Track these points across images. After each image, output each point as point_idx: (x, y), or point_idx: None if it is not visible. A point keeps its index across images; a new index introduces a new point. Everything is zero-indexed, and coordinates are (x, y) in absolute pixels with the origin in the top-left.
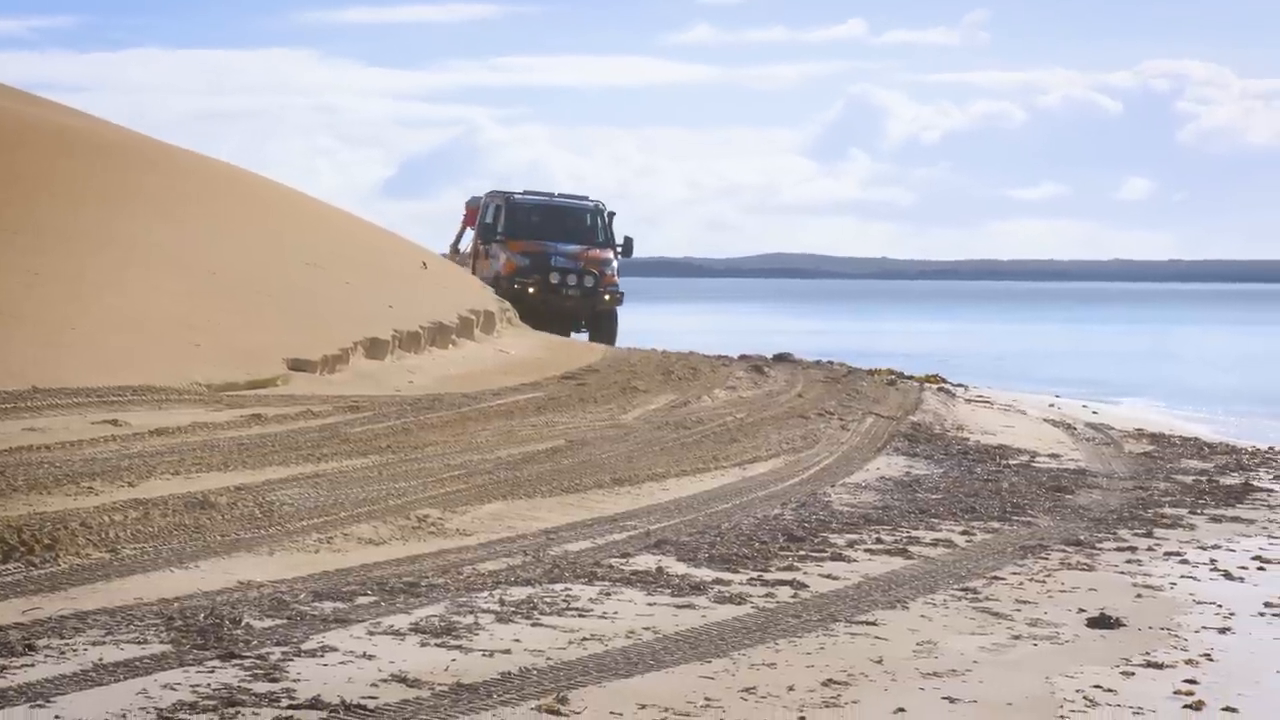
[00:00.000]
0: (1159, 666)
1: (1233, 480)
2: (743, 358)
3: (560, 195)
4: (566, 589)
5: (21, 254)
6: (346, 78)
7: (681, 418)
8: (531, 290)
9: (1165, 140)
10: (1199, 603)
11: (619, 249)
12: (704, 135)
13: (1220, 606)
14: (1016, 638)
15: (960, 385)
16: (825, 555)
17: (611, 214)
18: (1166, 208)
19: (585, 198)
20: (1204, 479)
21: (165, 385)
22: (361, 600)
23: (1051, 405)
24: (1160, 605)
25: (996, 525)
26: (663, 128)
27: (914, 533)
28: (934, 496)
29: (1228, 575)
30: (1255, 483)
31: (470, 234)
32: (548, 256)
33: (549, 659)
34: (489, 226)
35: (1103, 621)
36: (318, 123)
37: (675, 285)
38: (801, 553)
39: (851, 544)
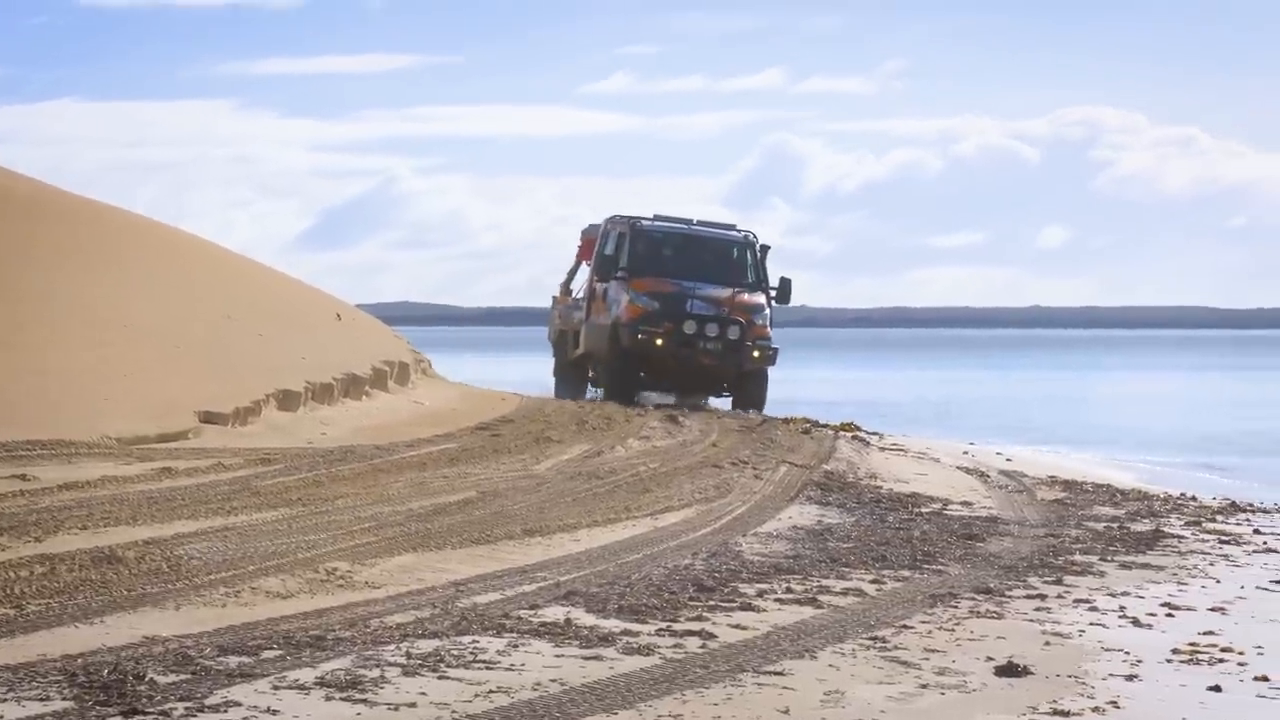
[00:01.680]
0: (1065, 714)
1: (1144, 527)
2: (658, 407)
3: (700, 223)
4: (474, 641)
5: None
6: (264, 129)
7: (595, 468)
8: (660, 341)
9: (1082, 187)
10: (1107, 650)
11: (773, 293)
12: (623, 184)
13: (1128, 654)
14: (924, 686)
15: (875, 433)
16: (735, 605)
17: (765, 248)
18: (1084, 254)
19: (732, 227)
20: (1115, 526)
21: (75, 439)
22: (267, 654)
23: (965, 453)
24: (1068, 653)
25: (907, 574)
26: (582, 176)
27: (824, 581)
28: (845, 545)
29: (1136, 622)
30: (1166, 529)
31: (585, 270)
32: (683, 299)
33: (454, 712)
34: (608, 259)
35: (1010, 670)
36: (235, 174)
37: None
38: (711, 603)
39: (761, 593)
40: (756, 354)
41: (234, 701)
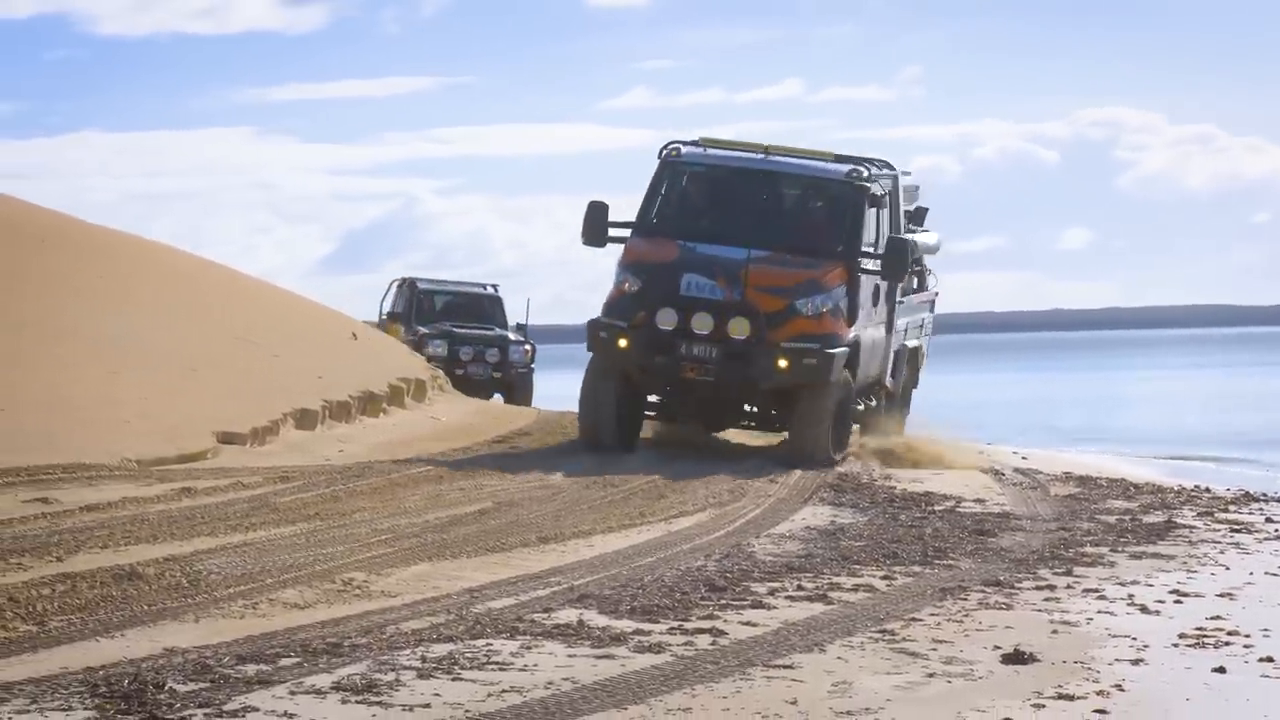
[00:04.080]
0: (1070, 698)
1: (1156, 518)
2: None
3: (777, 151)
4: (488, 644)
5: None
6: (284, 154)
7: (610, 476)
8: (623, 343)
9: (1102, 188)
10: (1114, 636)
11: (876, 265)
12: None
13: (1135, 639)
14: (931, 675)
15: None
16: (746, 603)
17: (888, 197)
18: (1105, 256)
19: (837, 158)
20: (1127, 518)
21: (95, 462)
22: (285, 662)
23: (981, 452)
24: (1075, 640)
25: (918, 569)
26: (603, 192)
27: (835, 579)
28: (857, 544)
29: (1144, 609)
30: (1178, 520)
31: None
32: (676, 272)
33: (468, 711)
34: (641, 210)
35: (1017, 657)
36: (256, 200)
37: None
38: (722, 602)
39: (772, 592)
40: (784, 363)
41: (251, 707)
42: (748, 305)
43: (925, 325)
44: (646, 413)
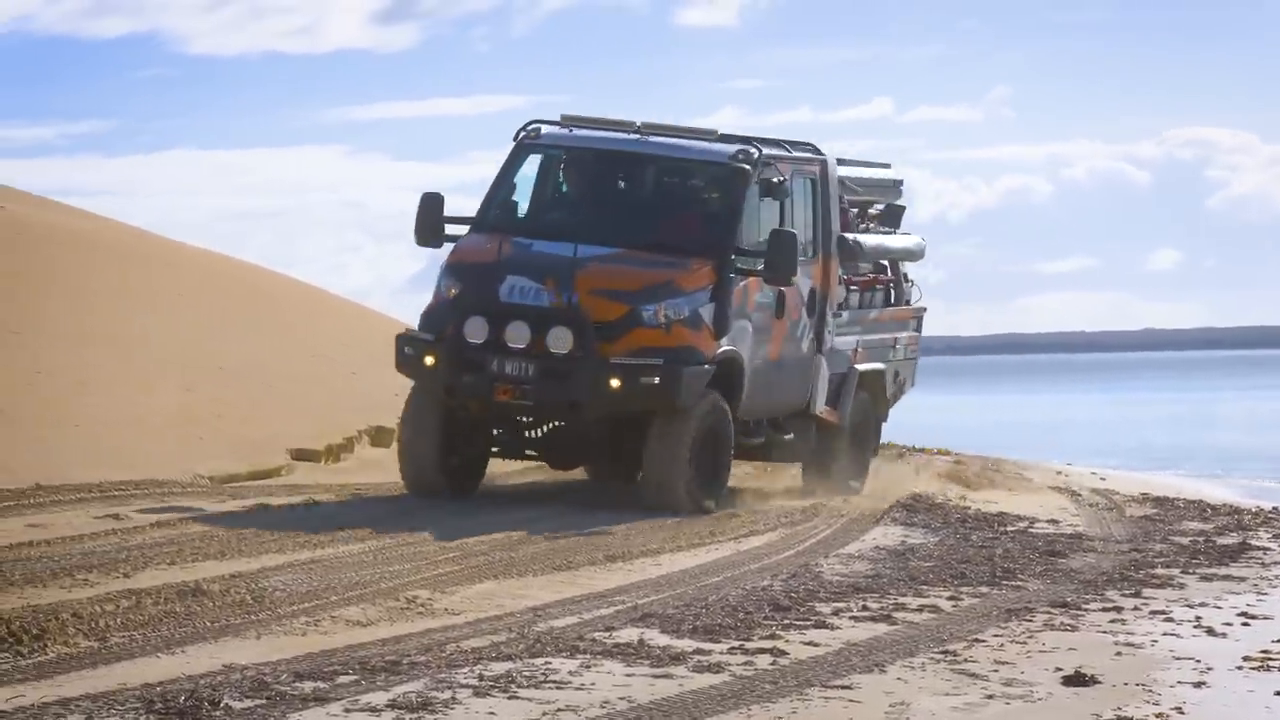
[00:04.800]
0: None
1: (1230, 540)
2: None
3: (653, 128)
4: (547, 662)
5: (24, 353)
6: (375, 173)
7: None
8: (430, 361)
9: (1193, 208)
10: (1177, 659)
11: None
12: None
13: (1199, 662)
14: (990, 697)
15: (975, 457)
16: (809, 623)
17: (775, 171)
18: (1196, 276)
19: (717, 136)
20: (1201, 540)
21: (168, 479)
22: (342, 679)
23: (1060, 473)
24: (1138, 662)
25: (985, 590)
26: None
27: (901, 599)
28: (926, 564)
29: (1210, 631)
30: (1253, 542)
31: None
32: (497, 275)
33: None
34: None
35: (1078, 679)
36: (346, 218)
37: None
38: (786, 622)
39: (837, 612)
40: (615, 382)
41: None
42: (574, 313)
43: (900, 346)
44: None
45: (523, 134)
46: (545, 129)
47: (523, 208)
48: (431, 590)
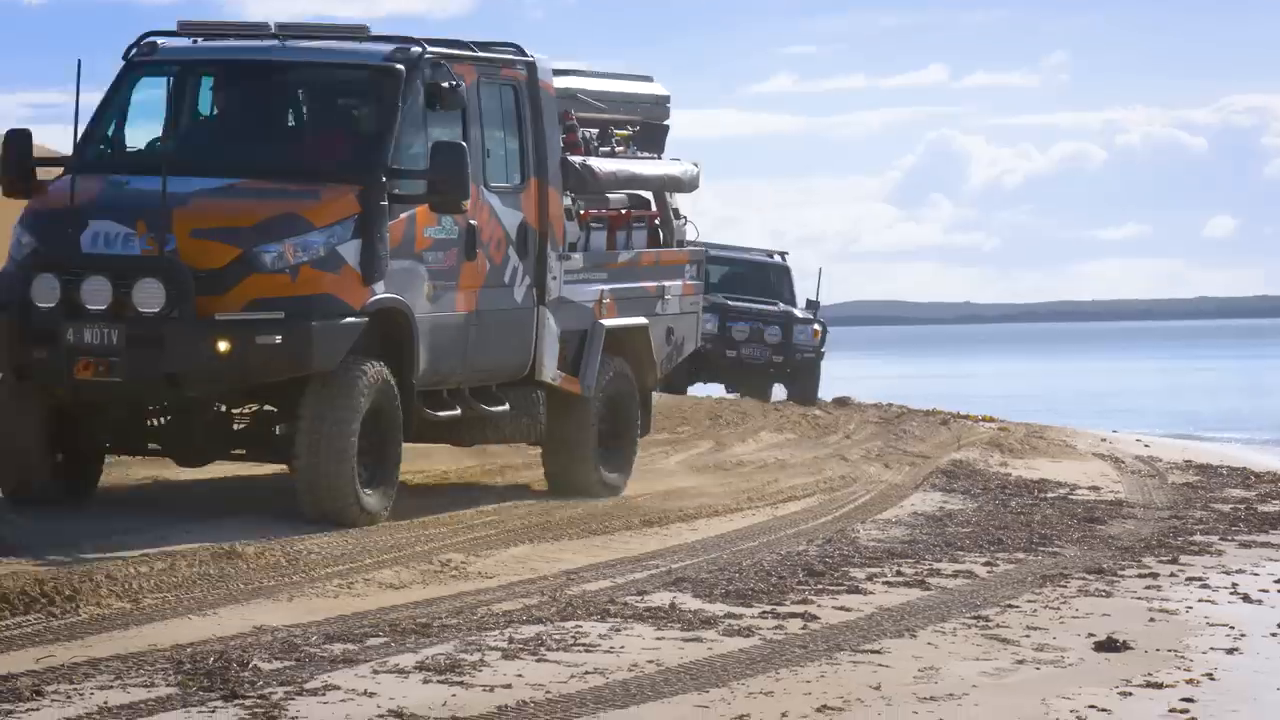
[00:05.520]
0: (1159, 686)
1: (1271, 508)
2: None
3: (290, 30)
4: (577, 626)
5: None
6: None
7: (722, 460)
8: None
9: (1251, 175)
10: (1211, 625)
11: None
12: (785, 184)
13: (1232, 628)
14: (1020, 662)
15: (1020, 424)
16: (842, 588)
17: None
18: (1253, 243)
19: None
20: (1242, 507)
21: None
22: (372, 641)
23: (1104, 440)
24: (1172, 628)
25: (1021, 556)
26: (745, 179)
27: (936, 565)
28: (963, 530)
29: (1246, 598)
30: None
31: None
32: (74, 224)
33: (548, 693)
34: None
35: (1109, 645)
36: None
37: None
38: (819, 586)
39: (871, 577)
40: (224, 345)
41: (333, 685)
42: (167, 261)
43: (673, 297)
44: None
45: (134, 51)
46: (164, 41)
47: (135, 140)
48: (466, 554)
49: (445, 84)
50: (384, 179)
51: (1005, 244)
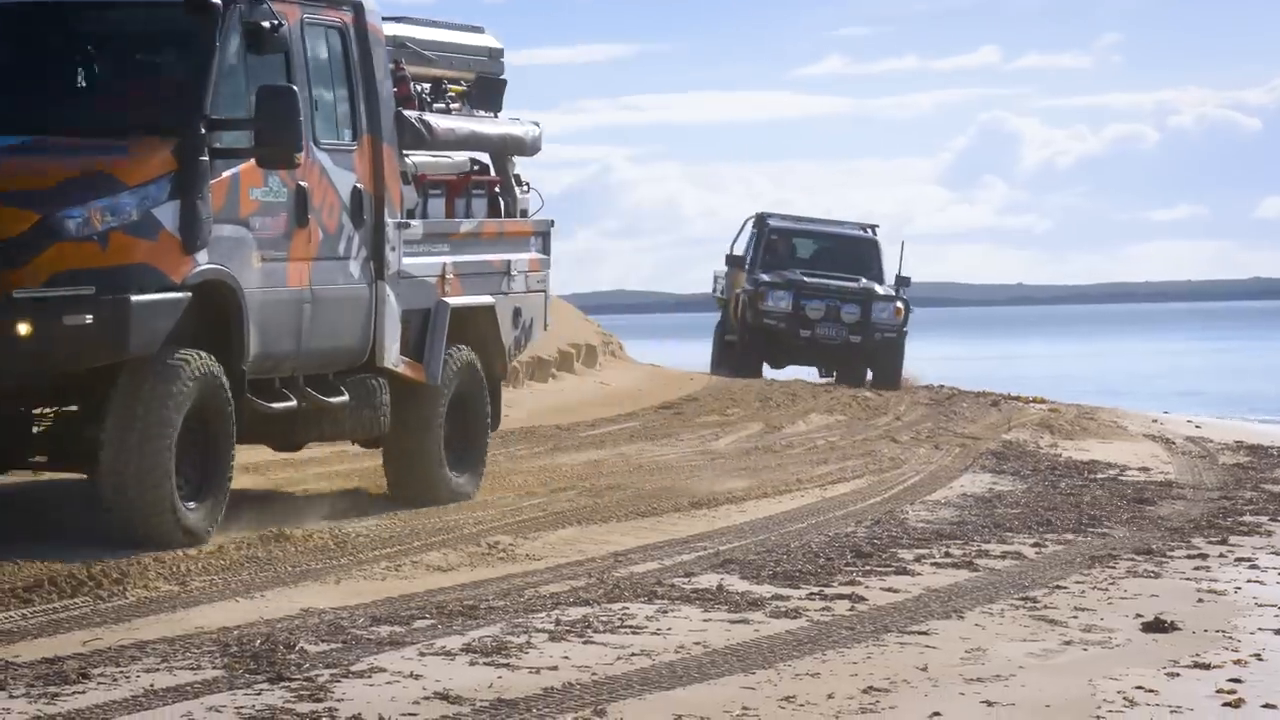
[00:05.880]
0: (1206, 667)
1: None
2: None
3: None
4: (624, 608)
5: None
6: None
7: (771, 442)
8: None
9: None
10: (1260, 605)
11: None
12: (836, 166)
13: None
14: (1068, 643)
15: (1071, 405)
16: (890, 570)
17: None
18: None
19: None
20: None
21: None
22: (419, 624)
23: (1155, 421)
24: (1220, 609)
25: (1070, 537)
26: (795, 160)
27: (984, 546)
28: (1012, 511)
29: None
30: None
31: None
32: None
33: (594, 674)
34: None
35: (1157, 626)
36: None
37: None
38: (867, 568)
39: (919, 558)
40: (25, 328)
41: (379, 667)
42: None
43: (519, 274)
44: None
45: None
46: None
47: None
48: (514, 536)
49: (266, 24)
50: (203, 130)
51: (1057, 226)
